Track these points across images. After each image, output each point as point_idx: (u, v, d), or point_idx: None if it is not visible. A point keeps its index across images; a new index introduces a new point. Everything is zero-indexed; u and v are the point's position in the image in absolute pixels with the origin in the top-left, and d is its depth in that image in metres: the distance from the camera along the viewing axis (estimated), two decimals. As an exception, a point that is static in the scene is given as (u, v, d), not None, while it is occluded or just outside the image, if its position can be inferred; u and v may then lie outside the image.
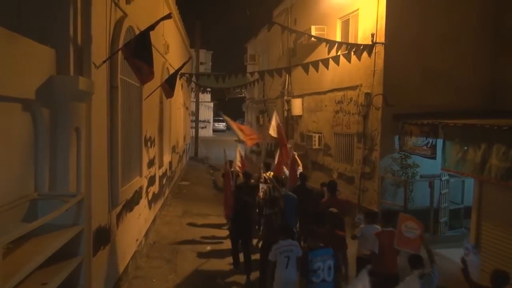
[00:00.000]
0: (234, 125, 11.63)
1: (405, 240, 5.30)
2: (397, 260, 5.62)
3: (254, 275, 6.95)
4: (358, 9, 10.88)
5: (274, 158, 10.05)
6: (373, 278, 4.67)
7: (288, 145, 10.51)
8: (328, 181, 8.01)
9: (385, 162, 9.71)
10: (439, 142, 8.19)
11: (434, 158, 8.45)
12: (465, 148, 7.22)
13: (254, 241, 8.04)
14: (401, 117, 9.42)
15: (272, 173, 9.19)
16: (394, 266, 5.55)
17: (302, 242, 6.77)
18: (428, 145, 8.58)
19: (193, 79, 15.07)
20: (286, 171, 9.58)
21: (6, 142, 3.38)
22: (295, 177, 9.01)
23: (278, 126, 10.37)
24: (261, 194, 8.25)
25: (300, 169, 9.84)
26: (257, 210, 8.30)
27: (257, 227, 8.55)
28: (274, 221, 6.55)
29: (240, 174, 9.26)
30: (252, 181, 8.43)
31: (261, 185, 8.50)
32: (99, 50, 5.02)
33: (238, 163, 10.25)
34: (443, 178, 9.15)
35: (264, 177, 8.98)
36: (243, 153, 11.67)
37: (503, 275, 4.41)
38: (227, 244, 8.53)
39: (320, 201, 7.29)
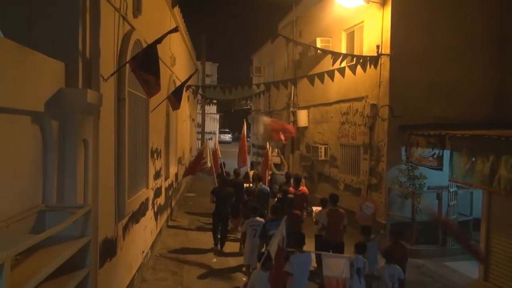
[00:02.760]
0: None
1: (364, 216, 7.88)
2: (341, 232, 7.33)
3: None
4: (363, 21, 10.96)
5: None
6: (324, 244, 7.18)
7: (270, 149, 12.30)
8: (294, 176, 10.26)
9: (392, 173, 9.66)
10: (446, 153, 8.15)
11: (441, 169, 8.39)
12: (473, 159, 7.17)
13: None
14: (407, 128, 9.40)
15: (253, 171, 11.48)
16: (339, 235, 7.22)
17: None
18: (435, 156, 8.54)
19: (199, 91, 15.16)
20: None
21: (15, 154, 3.41)
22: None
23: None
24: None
25: (285, 169, 12.51)
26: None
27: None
28: (249, 205, 8.52)
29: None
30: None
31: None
32: (107, 63, 5.09)
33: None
34: (451, 190, 9.06)
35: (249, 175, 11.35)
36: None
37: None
38: (234, 258, 8.64)
39: (287, 191, 9.00)
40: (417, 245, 8.82)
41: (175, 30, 5.39)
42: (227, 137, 49.13)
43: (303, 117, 15.00)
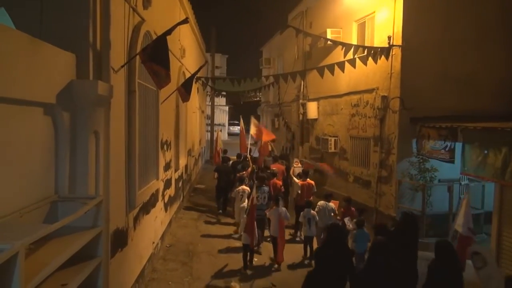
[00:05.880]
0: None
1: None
2: (310, 197, 9.71)
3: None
4: (374, 12, 10.80)
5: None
6: (297, 206, 9.67)
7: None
8: (273, 155, 13.43)
9: (403, 166, 9.57)
10: (458, 145, 8.04)
11: (452, 162, 8.30)
12: (485, 152, 7.08)
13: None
14: (418, 120, 9.29)
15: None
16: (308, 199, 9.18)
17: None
18: (446, 149, 8.43)
19: (209, 83, 15.15)
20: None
21: (28, 145, 3.46)
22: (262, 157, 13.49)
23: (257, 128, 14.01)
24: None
25: (274, 153, 14.48)
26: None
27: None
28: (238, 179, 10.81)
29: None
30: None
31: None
32: (118, 55, 5.11)
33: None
34: (462, 183, 8.97)
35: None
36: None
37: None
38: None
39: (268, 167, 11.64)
40: (427, 238, 8.76)
41: (185, 21, 5.38)
42: (237, 129, 49.04)
43: (312, 109, 14.91)
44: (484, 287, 5.17)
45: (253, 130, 13.79)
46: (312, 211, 8.37)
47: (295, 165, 11.90)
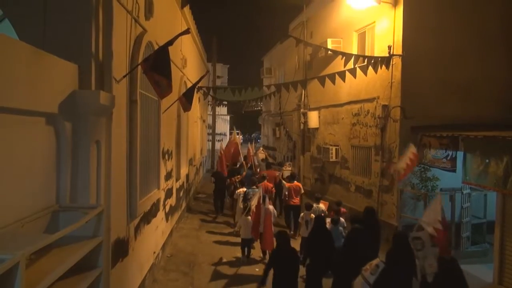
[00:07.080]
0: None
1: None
2: (298, 198, 10.77)
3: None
4: (374, 22, 10.88)
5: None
6: (286, 206, 11.06)
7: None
8: (266, 162, 15.01)
9: (404, 175, 9.55)
10: (459, 154, 8.03)
11: (454, 171, 8.28)
12: (487, 160, 7.06)
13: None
14: (419, 129, 9.30)
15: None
16: (296, 201, 10.73)
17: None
18: (448, 158, 8.42)
19: (210, 92, 15.22)
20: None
21: (30, 154, 3.47)
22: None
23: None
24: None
25: (268, 160, 16.21)
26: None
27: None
28: (235, 183, 12.49)
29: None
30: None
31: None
32: (120, 65, 5.14)
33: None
34: (464, 192, 8.93)
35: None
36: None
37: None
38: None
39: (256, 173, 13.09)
40: (429, 247, 8.70)
41: (187, 32, 5.42)
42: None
43: (313, 118, 14.95)
44: (421, 265, 5.78)
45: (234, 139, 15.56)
46: (311, 215, 8.69)
47: (283, 169, 13.31)
